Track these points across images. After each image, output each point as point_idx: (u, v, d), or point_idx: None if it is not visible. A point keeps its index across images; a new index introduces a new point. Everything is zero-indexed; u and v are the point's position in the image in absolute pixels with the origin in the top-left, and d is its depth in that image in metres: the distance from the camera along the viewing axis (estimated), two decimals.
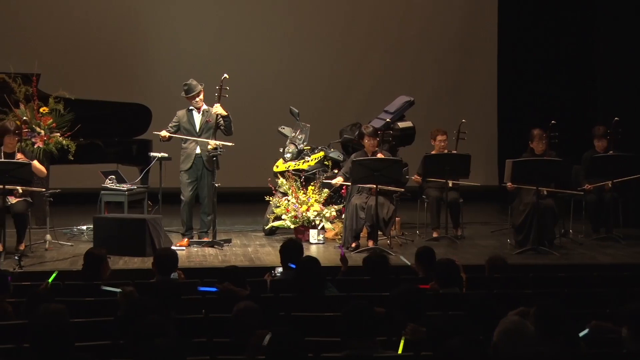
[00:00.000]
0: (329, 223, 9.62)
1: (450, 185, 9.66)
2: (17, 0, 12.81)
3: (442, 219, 9.68)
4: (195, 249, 9.11)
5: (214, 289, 5.65)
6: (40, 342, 3.88)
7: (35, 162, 8.85)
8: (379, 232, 9.13)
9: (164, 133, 9.21)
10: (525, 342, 3.87)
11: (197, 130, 9.25)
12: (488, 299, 4.86)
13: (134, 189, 9.85)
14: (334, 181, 9.46)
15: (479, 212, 11.48)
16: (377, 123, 10.06)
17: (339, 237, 9.47)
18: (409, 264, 7.07)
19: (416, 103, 10.66)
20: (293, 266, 6.17)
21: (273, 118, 11.48)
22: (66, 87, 10.17)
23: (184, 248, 9.05)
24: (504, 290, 6.00)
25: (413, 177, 9.80)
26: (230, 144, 9.16)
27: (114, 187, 9.71)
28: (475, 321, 4.48)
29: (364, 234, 9.23)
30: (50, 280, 5.92)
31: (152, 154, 9.99)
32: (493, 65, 13.67)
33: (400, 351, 4.38)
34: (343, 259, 7.02)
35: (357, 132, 10.22)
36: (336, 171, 10.04)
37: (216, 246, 9.14)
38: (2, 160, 8.56)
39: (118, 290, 5.44)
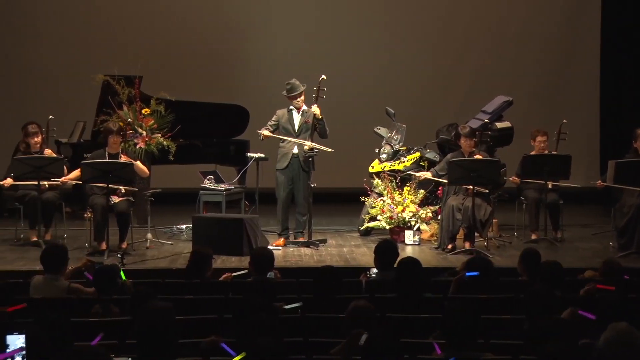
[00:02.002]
0: (424, 224, 9.55)
1: (549, 186, 9.46)
2: (121, 6, 13.17)
3: (541, 221, 9.49)
4: (291, 249, 9.18)
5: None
6: (145, 338, 3.95)
7: (138, 163, 9.07)
8: (476, 234, 9.01)
9: (266, 132, 9.30)
10: (633, 350, 3.72)
11: (296, 130, 9.32)
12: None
13: (231, 189, 9.99)
14: (418, 174, 9.41)
15: (580, 214, 11.20)
16: (475, 123, 9.94)
17: (435, 238, 9.39)
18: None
19: (515, 103, 10.48)
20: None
21: (369, 119, 11.46)
22: (167, 88, 10.40)
23: (280, 248, 9.14)
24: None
25: (511, 179, 9.63)
26: (329, 149, 9.19)
27: (213, 187, 9.87)
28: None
29: (460, 235, 9.13)
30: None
31: (249, 154, 10.11)
32: (595, 63, 13.32)
33: None
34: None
35: (453, 133, 10.12)
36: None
37: (312, 246, 9.19)
38: (106, 160, 8.81)
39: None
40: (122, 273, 5.98)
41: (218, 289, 6.27)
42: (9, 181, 9.04)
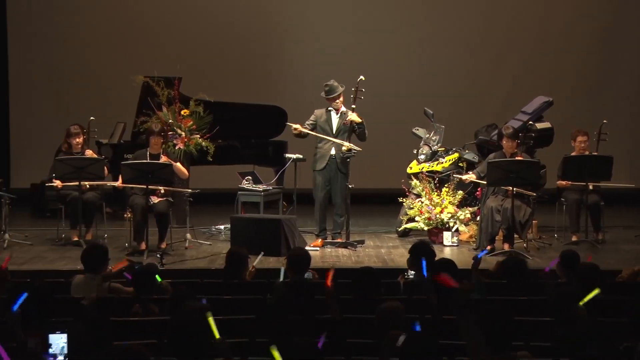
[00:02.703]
0: (463, 225, 9.49)
1: (590, 187, 9.35)
2: (161, 8, 13.27)
3: (582, 222, 9.38)
4: (329, 250, 9.18)
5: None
6: (179, 338, 3.98)
7: (178, 165, 9.14)
8: (515, 235, 8.93)
9: (297, 125, 9.30)
10: None
11: (334, 131, 9.31)
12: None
13: (269, 189, 10.01)
14: (464, 176, 9.35)
15: (622, 215, 11.04)
16: (515, 124, 9.85)
17: (473, 239, 9.34)
18: None
19: (555, 103, 10.37)
20: None
21: (407, 119, 11.42)
22: (206, 89, 10.45)
23: (317, 248, 9.14)
24: None
25: (564, 183, 9.49)
26: (358, 148, 9.18)
27: (251, 187, 9.91)
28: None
29: (499, 236, 9.06)
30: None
31: (287, 155, 10.13)
32: (637, 62, 13.13)
33: None
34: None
35: (493, 133, 10.05)
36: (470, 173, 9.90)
37: (349, 247, 9.18)
38: (145, 161, 8.88)
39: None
40: (156, 275, 6.00)
41: (255, 289, 6.29)
42: (59, 182, 9.15)
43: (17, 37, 13.18)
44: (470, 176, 9.31)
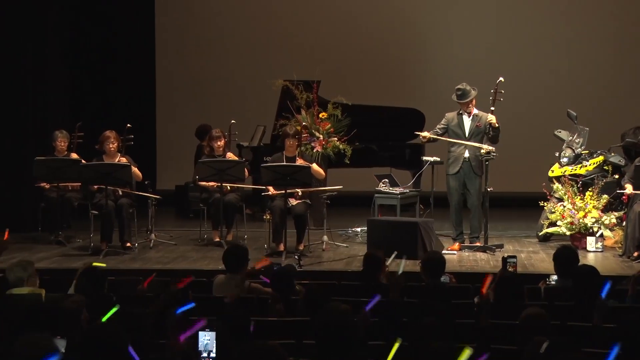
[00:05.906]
0: (608, 230, 9.16)
1: None
2: (300, 11, 13.47)
3: None
4: (467, 254, 9.05)
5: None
6: (326, 340, 4.00)
7: (314, 165, 9.24)
8: None
9: (425, 134, 9.22)
10: None
11: (467, 134, 9.18)
12: None
13: (406, 192, 9.97)
14: (626, 190, 8.90)
15: None
16: None
17: (619, 245, 8.99)
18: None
19: None
20: None
21: (549, 121, 11.13)
22: (343, 93, 10.53)
23: (455, 252, 9.04)
24: None
25: None
26: (489, 147, 8.99)
27: (387, 190, 9.90)
28: None
29: None
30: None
31: (424, 158, 10.06)
32: None
33: None
34: None
35: None
36: (616, 176, 9.53)
37: (488, 251, 9.03)
38: (283, 164, 9.03)
39: None
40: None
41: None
42: (212, 183, 9.38)
43: (163, 44, 13.67)
44: (628, 188, 8.87)
